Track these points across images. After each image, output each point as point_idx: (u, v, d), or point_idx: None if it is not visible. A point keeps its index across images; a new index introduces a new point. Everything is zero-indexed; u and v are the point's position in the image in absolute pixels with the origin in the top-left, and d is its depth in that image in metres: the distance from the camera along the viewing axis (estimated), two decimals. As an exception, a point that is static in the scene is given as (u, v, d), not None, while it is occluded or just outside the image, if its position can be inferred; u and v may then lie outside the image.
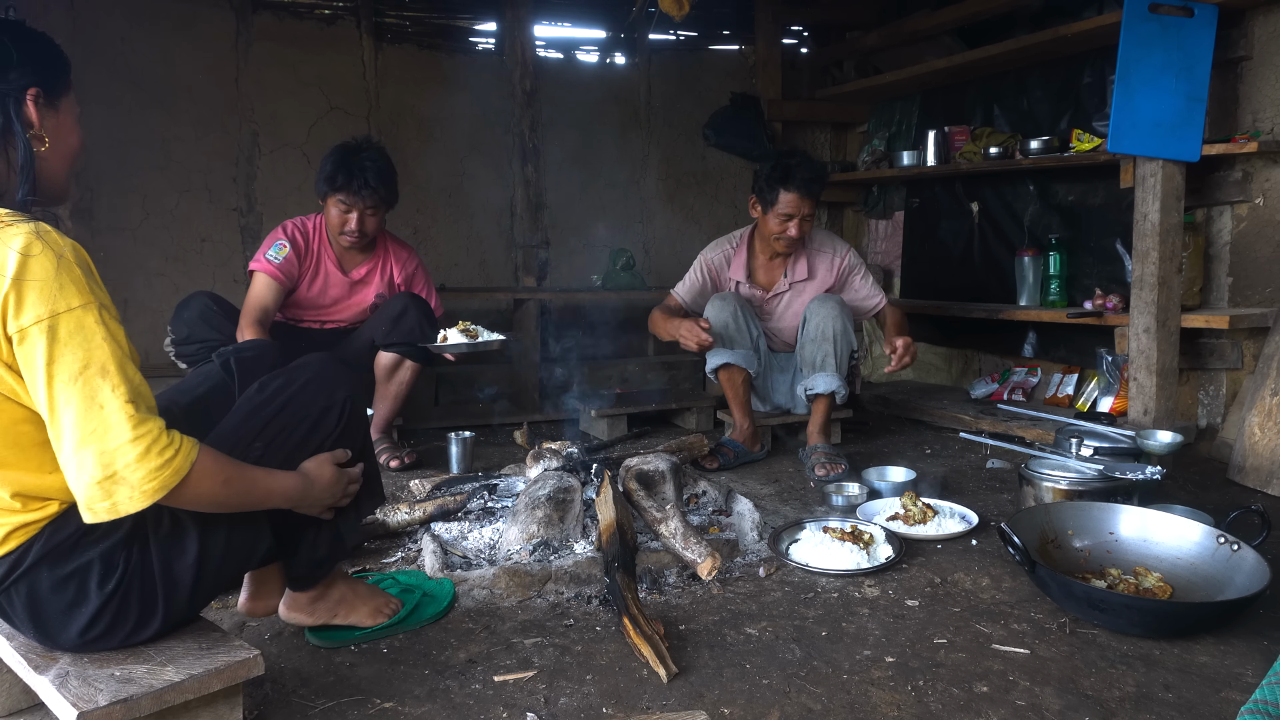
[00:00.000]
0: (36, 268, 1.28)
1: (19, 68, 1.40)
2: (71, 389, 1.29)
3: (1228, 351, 3.51)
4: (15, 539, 1.42)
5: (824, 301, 3.42)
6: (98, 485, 1.31)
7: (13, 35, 1.41)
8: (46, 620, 1.46)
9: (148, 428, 1.32)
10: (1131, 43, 3.22)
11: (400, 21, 4.66)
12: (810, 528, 2.57)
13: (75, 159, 1.52)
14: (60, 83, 1.46)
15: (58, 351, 1.29)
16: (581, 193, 5.07)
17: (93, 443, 1.30)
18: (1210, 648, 1.93)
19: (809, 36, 5.58)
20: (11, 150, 1.40)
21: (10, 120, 1.39)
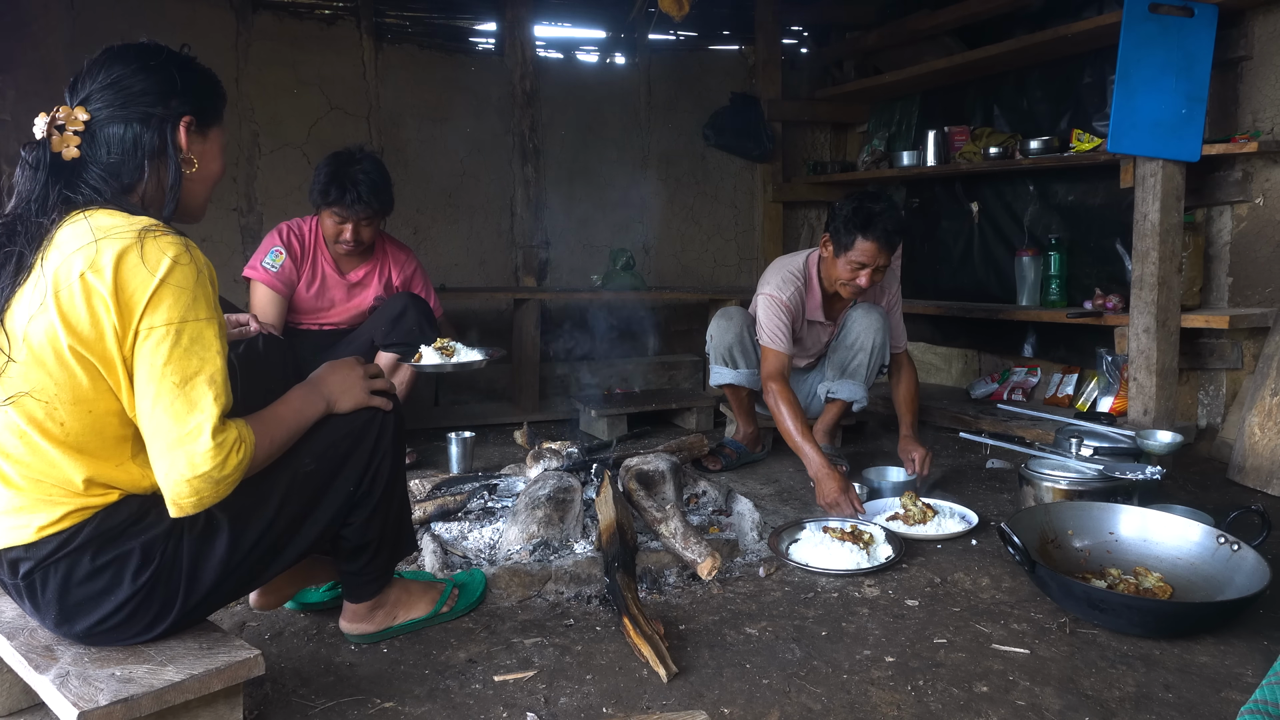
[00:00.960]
0: (181, 275, 1.40)
1: (179, 96, 1.53)
2: (178, 392, 1.39)
3: (1228, 351, 3.51)
4: (71, 519, 1.46)
5: (868, 312, 3.29)
6: (186, 483, 1.40)
7: (179, 67, 1.55)
8: (72, 605, 1.48)
9: (224, 435, 1.42)
10: (1131, 43, 3.22)
11: (400, 21, 4.66)
12: (810, 528, 2.58)
13: (215, 183, 1.66)
14: (213, 113, 1.60)
15: (177, 355, 1.39)
16: (581, 192, 5.07)
17: (184, 444, 1.39)
18: (1210, 648, 1.93)
19: (809, 36, 5.58)
20: (164, 170, 1.53)
21: (165, 143, 1.52)
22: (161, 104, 1.50)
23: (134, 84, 1.49)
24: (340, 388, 1.72)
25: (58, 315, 1.37)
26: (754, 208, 5.49)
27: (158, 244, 1.39)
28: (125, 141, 1.49)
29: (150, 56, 1.53)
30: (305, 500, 1.65)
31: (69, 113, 1.47)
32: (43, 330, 1.38)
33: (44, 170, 1.45)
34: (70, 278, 1.37)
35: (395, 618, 1.99)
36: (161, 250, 1.39)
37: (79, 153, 1.46)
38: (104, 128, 1.48)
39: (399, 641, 1.98)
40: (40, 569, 1.46)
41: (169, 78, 1.52)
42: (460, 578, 2.20)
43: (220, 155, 1.65)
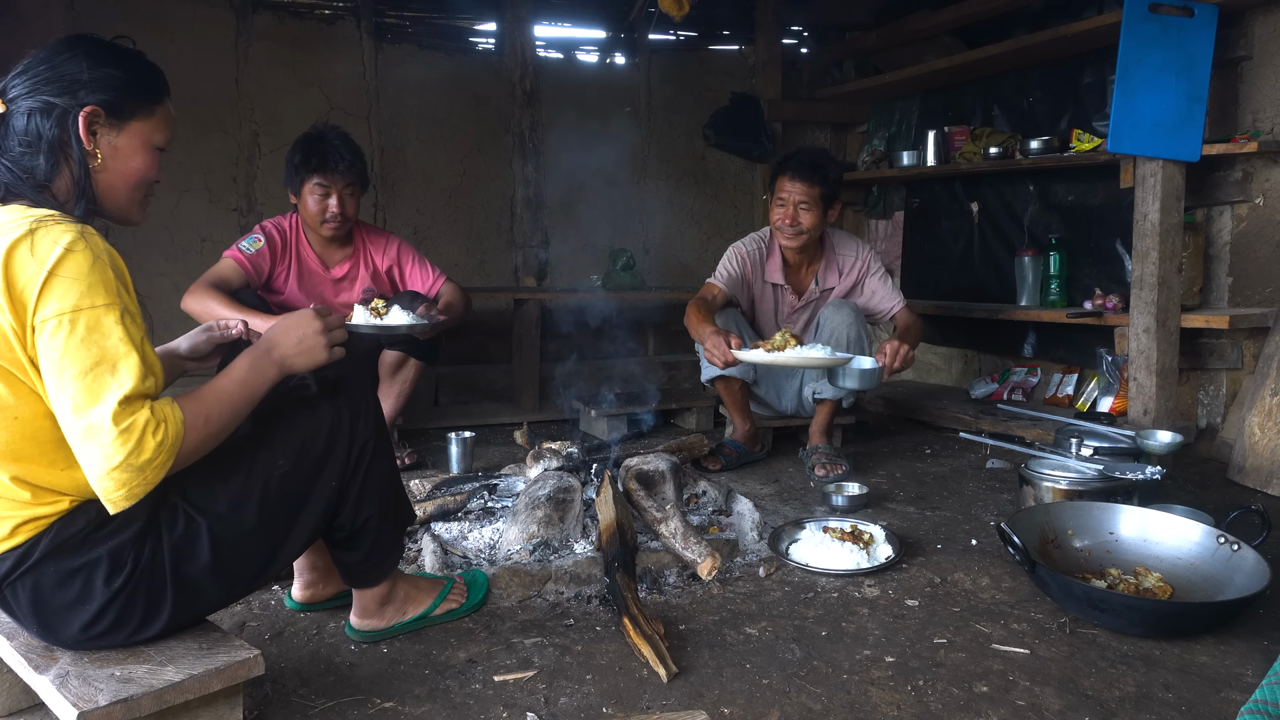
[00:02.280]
0: (72, 264, 1.33)
1: (87, 87, 1.45)
2: (79, 384, 1.32)
3: (1228, 351, 3.51)
4: (24, 532, 1.43)
5: (839, 308, 3.30)
6: (107, 476, 1.34)
7: (96, 56, 1.48)
8: (49, 616, 1.46)
9: (130, 420, 1.33)
10: (1131, 43, 3.22)
11: (400, 21, 4.66)
12: (810, 528, 2.58)
13: (140, 183, 1.56)
14: (130, 106, 1.50)
15: (73, 345, 1.32)
16: (581, 193, 5.07)
17: (92, 436, 1.33)
18: (1210, 648, 1.93)
19: (809, 36, 5.57)
20: (72, 164, 1.46)
21: (67, 135, 1.45)
22: (66, 94, 1.44)
23: (40, 73, 1.45)
24: (295, 347, 1.59)
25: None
26: (754, 208, 5.48)
27: (49, 233, 1.33)
28: (28, 133, 1.43)
29: (68, 47, 1.48)
30: (288, 499, 1.62)
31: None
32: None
33: None
34: None
35: (405, 613, 2.00)
36: (53, 240, 1.33)
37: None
38: (14, 119, 1.44)
39: (399, 641, 1.98)
40: (8, 585, 1.45)
41: (77, 67, 1.45)
42: (465, 576, 2.21)
43: (143, 152, 1.54)
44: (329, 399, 1.70)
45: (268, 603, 2.17)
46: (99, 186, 1.50)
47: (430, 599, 2.04)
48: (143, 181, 1.56)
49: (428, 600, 2.04)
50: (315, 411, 1.67)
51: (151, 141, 1.55)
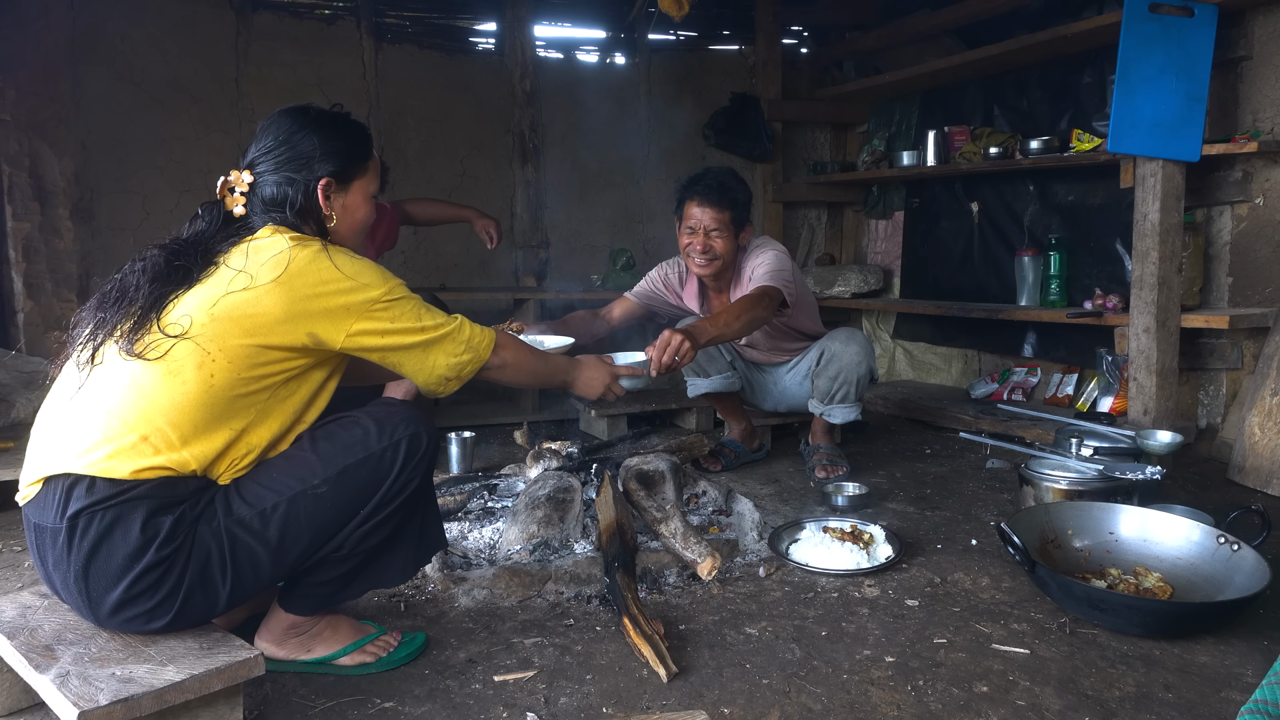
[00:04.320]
0: (370, 265, 1.74)
1: (321, 160, 1.75)
2: (417, 316, 1.77)
3: (1228, 351, 3.51)
4: (142, 475, 1.52)
5: (847, 343, 3.18)
6: (459, 357, 1.80)
7: (324, 130, 1.77)
8: (99, 561, 1.51)
9: (458, 319, 1.83)
10: (1131, 43, 3.22)
11: (400, 21, 4.66)
12: (810, 528, 2.58)
13: (363, 228, 1.88)
14: (356, 168, 1.82)
15: (403, 309, 1.75)
16: (581, 193, 5.07)
17: (442, 333, 1.78)
18: (1210, 648, 1.93)
19: (809, 36, 5.58)
20: (315, 222, 1.77)
21: (311, 201, 1.75)
22: (305, 169, 1.74)
23: (282, 152, 1.74)
24: (586, 379, 2.13)
25: (252, 302, 1.58)
26: (754, 208, 5.47)
27: (339, 253, 1.69)
28: (277, 200, 1.73)
29: (300, 124, 1.76)
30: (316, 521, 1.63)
31: (238, 176, 1.74)
32: (230, 307, 1.58)
33: (217, 224, 1.72)
34: (272, 274, 1.60)
35: (309, 650, 1.84)
36: (345, 255, 1.70)
37: (245, 210, 1.74)
38: (262, 188, 1.74)
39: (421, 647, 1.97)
40: (88, 512, 1.49)
41: (310, 144, 1.74)
42: (405, 636, 1.95)
43: (365, 202, 1.85)
44: (389, 434, 1.70)
45: (268, 603, 2.17)
46: (332, 237, 1.79)
47: (344, 643, 1.85)
48: (364, 227, 1.88)
49: (340, 644, 1.85)
50: (367, 440, 1.69)
51: (369, 192, 1.86)
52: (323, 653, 1.84)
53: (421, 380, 1.78)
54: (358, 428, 1.70)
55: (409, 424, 1.72)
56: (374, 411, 1.74)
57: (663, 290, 3.38)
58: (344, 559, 1.71)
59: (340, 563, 1.71)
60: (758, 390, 3.61)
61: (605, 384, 2.15)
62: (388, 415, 1.72)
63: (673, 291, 3.38)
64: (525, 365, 1.95)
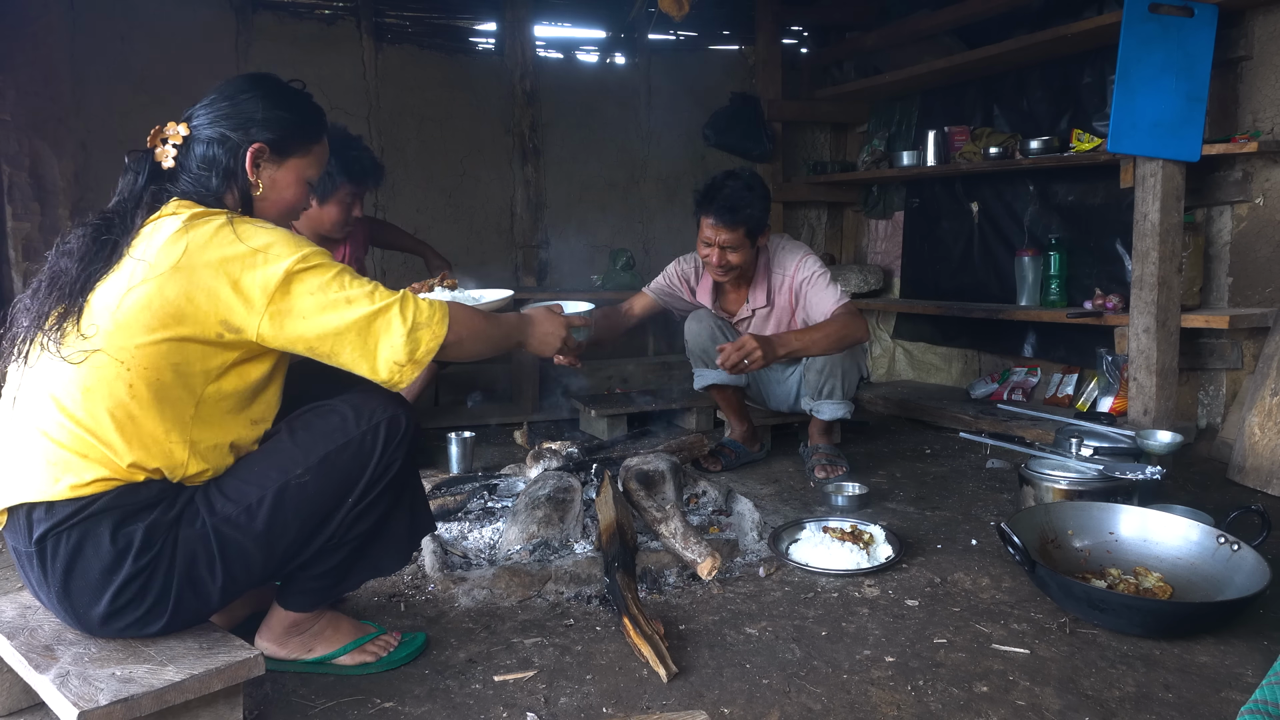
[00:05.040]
0: (279, 231, 1.60)
1: (260, 125, 1.67)
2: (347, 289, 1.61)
3: (1228, 351, 3.51)
4: (97, 486, 1.49)
5: None
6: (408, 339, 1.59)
7: (272, 98, 1.70)
8: (75, 579, 1.49)
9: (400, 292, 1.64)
10: (1131, 43, 3.22)
11: (400, 21, 4.66)
12: (810, 528, 2.58)
13: (289, 211, 1.77)
14: (293, 144, 1.72)
15: (321, 277, 1.58)
16: (581, 193, 5.07)
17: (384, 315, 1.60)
18: (1210, 648, 1.93)
19: (809, 36, 5.58)
20: (238, 188, 1.67)
21: (236, 166, 1.66)
22: (239, 130, 1.65)
23: (224, 108, 1.66)
24: (540, 334, 1.94)
25: (156, 292, 1.49)
26: (754, 208, 5.48)
27: (245, 223, 1.57)
28: (206, 158, 1.65)
29: (249, 86, 1.69)
30: (304, 512, 1.61)
31: (173, 127, 1.66)
32: (136, 301, 1.49)
33: (144, 175, 1.64)
34: (171, 260, 1.50)
35: (311, 650, 1.83)
36: (251, 225, 1.57)
37: (174, 163, 1.65)
38: (195, 144, 1.65)
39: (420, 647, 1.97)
40: (54, 534, 1.48)
41: (254, 107, 1.67)
42: (405, 636, 1.95)
43: (297, 185, 1.75)
44: (367, 418, 1.66)
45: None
46: (255, 211, 1.70)
47: (344, 642, 1.85)
48: (291, 210, 1.77)
49: (341, 643, 1.85)
50: (345, 426, 1.65)
51: (304, 176, 1.76)
52: (323, 652, 1.84)
53: (368, 369, 1.58)
54: (335, 414, 1.66)
55: (387, 407, 1.68)
56: (350, 398, 1.68)
57: (678, 285, 3.43)
58: (336, 548, 1.69)
59: (333, 553, 1.69)
60: (764, 387, 3.62)
61: (560, 337, 1.97)
62: (364, 400, 1.68)
63: (687, 287, 3.43)
64: (481, 333, 1.75)
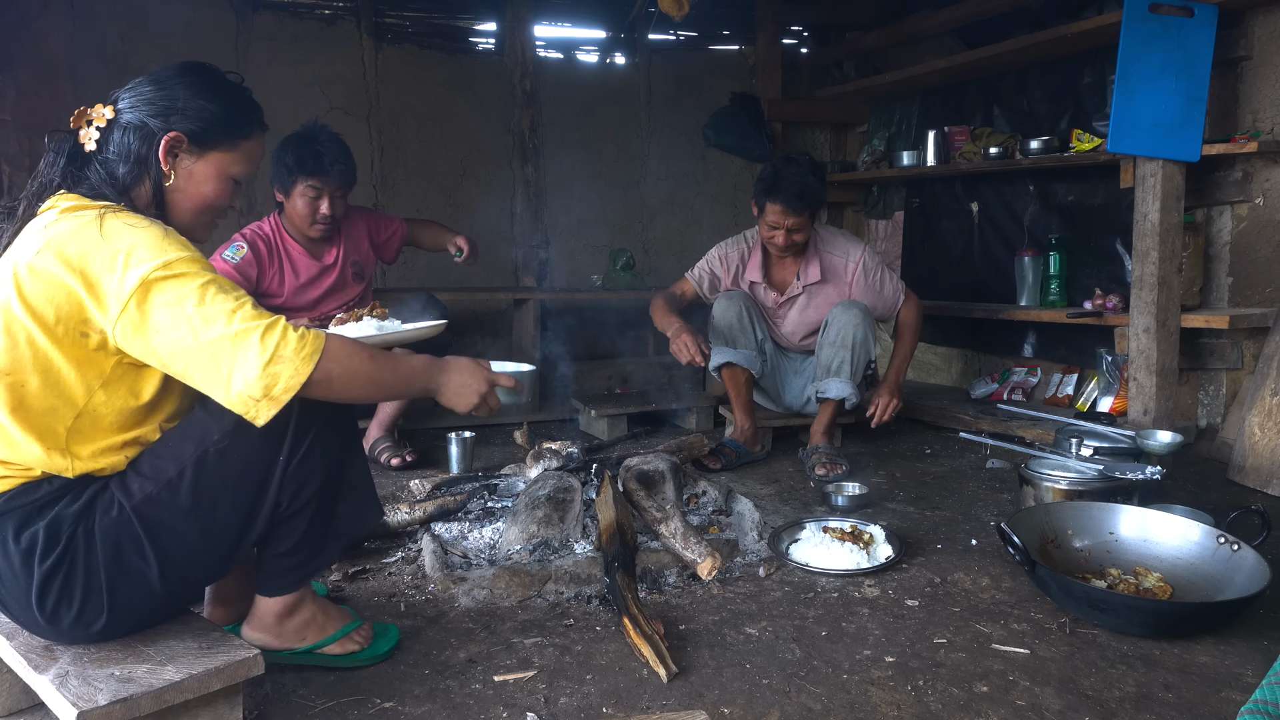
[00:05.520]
0: (146, 234, 1.47)
1: (181, 114, 1.59)
2: (209, 307, 1.45)
3: (1228, 351, 3.51)
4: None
5: (848, 308, 3.33)
6: (264, 372, 1.41)
7: (197, 87, 1.62)
8: (4, 588, 1.48)
9: (271, 318, 1.46)
10: (1131, 43, 3.22)
11: (400, 21, 4.66)
12: (810, 528, 2.58)
13: (206, 208, 1.67)
14: (214, 138, 1.63)
15: (183, 286, 1.44)
16: (581, 193, 5.07)
17: (243, 338, 1.43)
18: (1210, 648, 1.93)
19: (809, 36, 5.58)
20: (150, 179, 1.60)
21: (150, 154, 1.58)
22: (159, 117, 1.58)
23: (146, 94, 1.59)
24: (455, 385, 1.70)
25: (16, 294, 1.43)
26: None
27: (116, 217, 1.46)
28: (122, 145, 1.58)
29: (179, 74, 1.62)
30: (234, 479, 1.54)
31: (99, 109, 1.60)
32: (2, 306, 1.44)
33: (63, 157, 1.57)
34: (30, 259, 1.43)
35: (304, 638, 1.80)
36: (124, 221, 1.45)
37: (95, 146, 1.58)
38: (115, 129, 1.58)
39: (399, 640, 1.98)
40: None
41: (176, 94, 1.59)
42: (376, 626, 1.95)
43: (217, 180, 1.65)
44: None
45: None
46: (169, 203, 1.62)
47: (332, 631, 1.83)
48: (209, 207, 1.67)
49: (331, 630, 1.82)
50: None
51: (228, 172, 1.66)
52: (314, 640, 1.81)
53: (221, 396, 1.43)
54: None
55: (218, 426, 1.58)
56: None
57: (720, 271, 3.58)
58: (292, 517, 1.62)
59: (293, 523, 1.63)
60: (780, 377, 3.65)
61: (480, 392, 1.71)
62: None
63: (730, 270, 3.57)
64: (363, 374, 1.53)
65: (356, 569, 2.36)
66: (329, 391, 1.49)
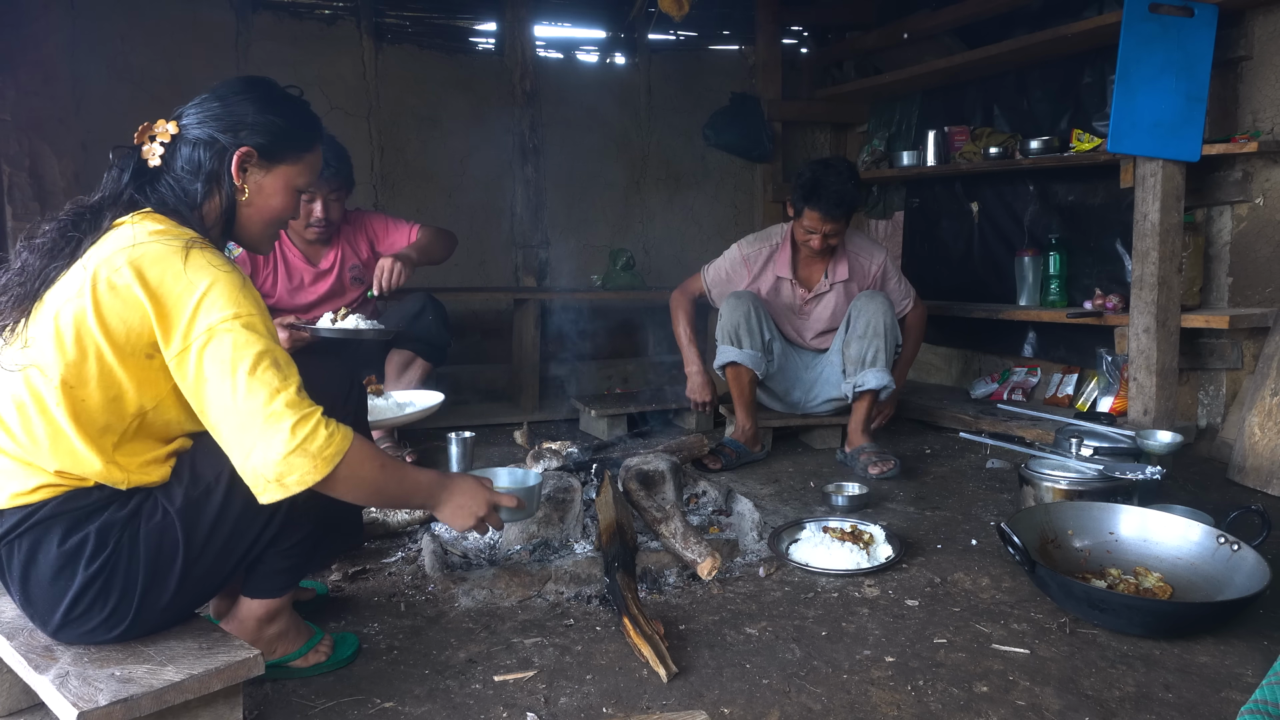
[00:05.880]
0: (227, 279, 1.50)
1: (250, 128, 1.63)
2: (253, 379, 1.46)
3: (1228, 351, 3.51)
4: (43, 493, 1.48)
5: (871, 297, 3.41)
6: (282, 460, 1.43)
7: (264, 102, 1.66)
8: (33, 584, 1.49)
9: (309, 409, 1.48)
10: (1131, 43, 3.22)
11: (400, 21, 4.66)
12: (810, 528, 2.58)
13: (275, 220, 1.73)
14: (281, 151, 1.67)
15: (238, 344, 1.46)
16: (581, 193, 5.07)
17: (275, 421, 1.44)
18: (1210, 648, 1.93)
19: (809, 36, 5.57)
20: (222, 194, 1.63)
21: (222, 169, 1.62)
22: (229, 132, 1.61)
23: (213, 109, 1.63)
24: (453, 506, 1.73)
25: (92, 307, 1.45)
26: (754, 208, 5.48)
27: (203, 254, 1.48)
28: (192, 160, 1.61)
29: (243, 89, 1.66)
30: None
31: (162, 125, 1.62)
32: (72, 315, 1.46)
33: (128, 173, 1.60)
34: (110, 275, 1.45)
35: (275, 650, 1.79)
36: (207, 260, 1.48)
37: (160, 162, 1.60)
38: (183, 144, 1.61)
39: (398, 641, 1.98)
40: (5, 543, 1.48)
41: (245, 110, 1.63)
42: (335, 636, 1.94)
43: (285, 193, 1.70)
44: None
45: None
46: (240, 217, 1.68)
47: (300, 645, 1.84)
48: (277, 219, 1.73)
49: (298, 646, 1.83)
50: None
51: (294, 184, 1.72)
52: (284, 653, 1.81)
53: (237, 462, 1.46)
54: None
55: (330, 374, 1.74)
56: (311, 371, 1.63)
57: (741, 271, 3.61)
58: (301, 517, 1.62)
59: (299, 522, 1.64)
60: (789, 374, 3.65)
61: (478, 515, 1.75)
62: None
63: (753, 268, 3.60)
64: (369, 483, 1.56)
65: (356, 569, 2.36)
66: (332, 491, 1.53)
